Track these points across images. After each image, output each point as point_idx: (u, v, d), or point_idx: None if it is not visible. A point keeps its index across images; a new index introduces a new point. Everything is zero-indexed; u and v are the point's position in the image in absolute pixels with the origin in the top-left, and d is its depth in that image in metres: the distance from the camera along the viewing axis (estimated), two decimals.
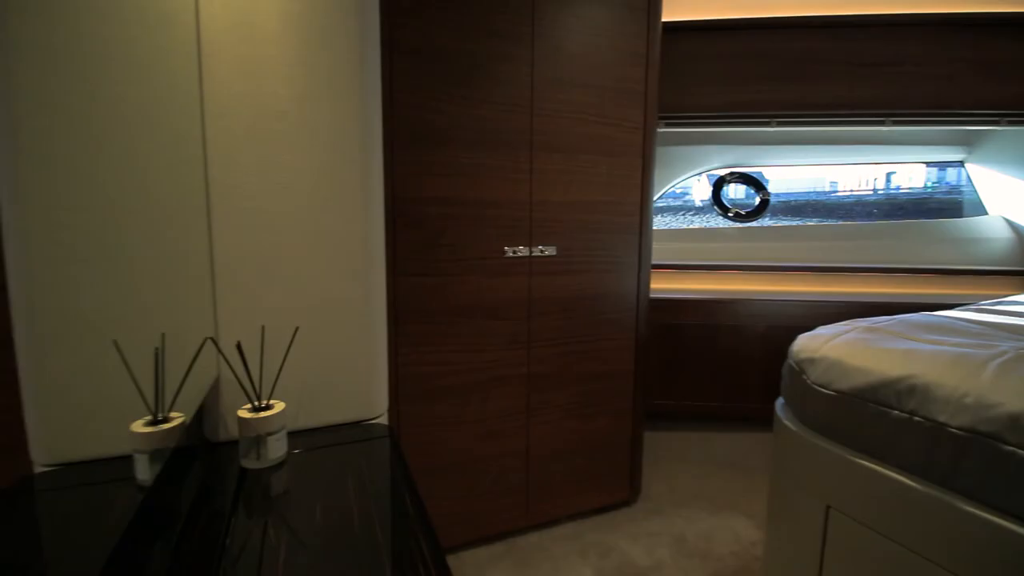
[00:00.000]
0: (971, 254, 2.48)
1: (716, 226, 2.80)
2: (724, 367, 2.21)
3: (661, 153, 2.67)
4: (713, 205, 2.75)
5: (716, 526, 1.61)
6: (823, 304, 2.16)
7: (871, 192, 3.37)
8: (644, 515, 1.68)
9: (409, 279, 1.37)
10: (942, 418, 0.89)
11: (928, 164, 2.96)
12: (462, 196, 1.40)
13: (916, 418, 0.93)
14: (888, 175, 3.35)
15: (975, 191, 2.74)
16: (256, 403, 0.81)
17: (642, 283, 1.68)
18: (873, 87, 2.29)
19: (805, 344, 1.18)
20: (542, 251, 1.51)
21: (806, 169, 3.08)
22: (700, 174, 2.86)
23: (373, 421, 1.02)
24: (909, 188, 3.23)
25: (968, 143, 2.70)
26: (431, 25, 1.32)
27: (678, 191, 3.23)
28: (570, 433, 1.62)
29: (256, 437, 0.78)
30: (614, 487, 1.72)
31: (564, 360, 1.58)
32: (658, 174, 2.69)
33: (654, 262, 2.43)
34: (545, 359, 1.55)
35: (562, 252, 1.54)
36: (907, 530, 0.92)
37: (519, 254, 1.47)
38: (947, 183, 3.00)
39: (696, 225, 2.90)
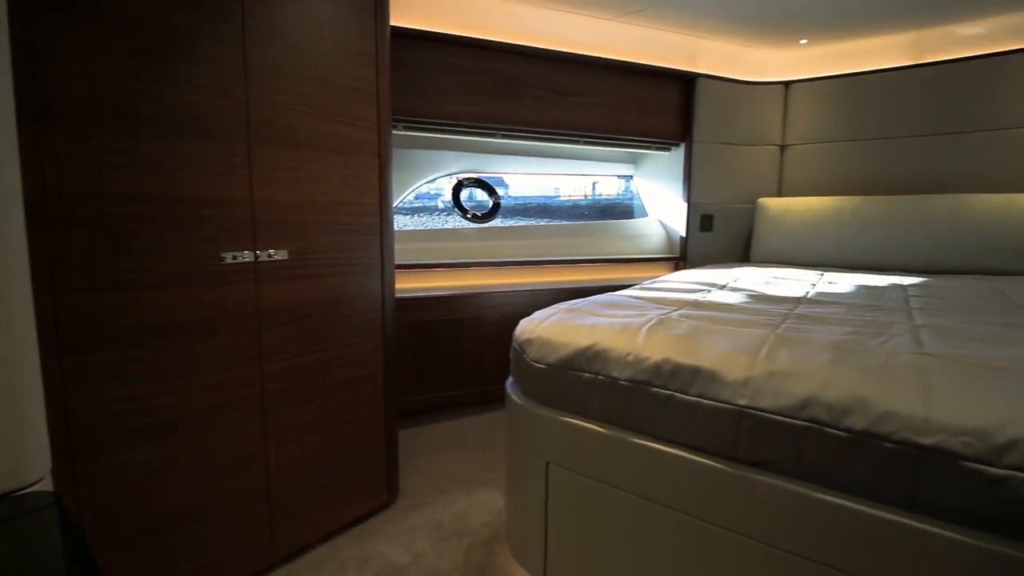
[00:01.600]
0: (639, 246, 3.27)
1: (460, 226, 3.01)
2: (469, 356, 2.40)
3: (403, 155, 2.74)
4: (454, 207, 2.95)
5: (471, 504, 1.74)
6: (545, 291, 2.54)
7: (583, 197, 4.11)
8: (403, 513, 1.70)
9: (83, 296, 1.07)
10: (615, 374, 1.14)
11: (619, 176, 3.75)
12: (159, 193, 1.17)
13: (599, 377, 1.16)
14: (594, 184, 4.11)
15: (640, 199, 3.60)
16: None
17: (387, 284, 1.68)
18: (570, 111, 2.78)
19: (524, 327, 1.36)
20: (271, 255, 1.37)
21: (538, 176, 3.57)
22: (443, 177, 3.02)
23: (27, 490, 0.77)
24: (608, 195, 4.03)
25: (634, 162, 3.54)
26: None
27: (432, 192, 3.36)
28: (319, 449, 1.53)
29: None
30: (371, 493, 1.69)
31: (306, 372, 1.48)
32: (401, 175, 2.75)
33: (404, 262, 2.48)
34: (283, 374, 1.42)
35: (296, 255, 1.43)
36: (602, 468, 1.15)
37: (241, 259, 1.31)
38: (631, 192, 3.85)
39: (451, 225, 3.06)
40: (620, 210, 3.83)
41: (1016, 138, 2.58)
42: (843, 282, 2.12)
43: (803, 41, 3.01)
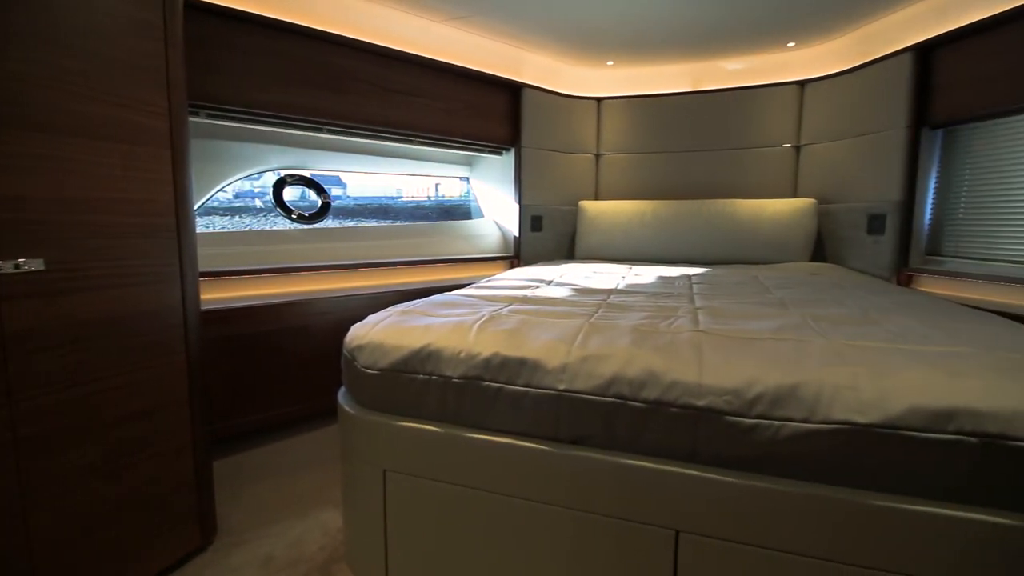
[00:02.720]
0: (477, 246, 3.37)
1: (289, 227, 2.76)
2: (298, 369, 2.22)
3: (212, 147, 2.42)
4: (276, 207, 2.69)
5: (306, 528, 1.61)
6: (384, 294, 2.47)
7: (427, 199, 4.07)
8: (224, 553, 1.50)
9: None
10: (448, 373, 1.16)
11: (460, 178, 3.79)
12: None
13: (433, 377, 1.17)
14: (436, 185, 4.10)
15: (477, 201, 3.71)
16: None
17: (189, 295, 1.46)
18: (403, 111, 2.74)
19: (355, 333, 1.31)
20: (19, 266, 1.09)
21: (379, 176, 3.44)
22: (265, 173, 2.75)
23: None
24: (451, 197, 4.06)
25: (469, 164, 3.63)
26: None
27: (257, 189, 3.02)
28: (104, 497, 1.27)
29: None
30: (181, 537, 1.46)
31: (82, 406, 1.21)
32: (210, 170, 2.43)
33: (218, 269, 2.20)
34: (48, 412, 1.15)
35: (57, 265, 1.16)
36: (439, 467, 1.16)
37: None
38: (472, 194, 3.93)
39: (280, 227, 2.78)
40: (461, 211, 3.90)
41: (765, 155, 3.27)
42: (646, 274, 2.46)
43: (609, 63, 3.40)
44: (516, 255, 3.31)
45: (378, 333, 1.27)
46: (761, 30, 2.83)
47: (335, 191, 3.60)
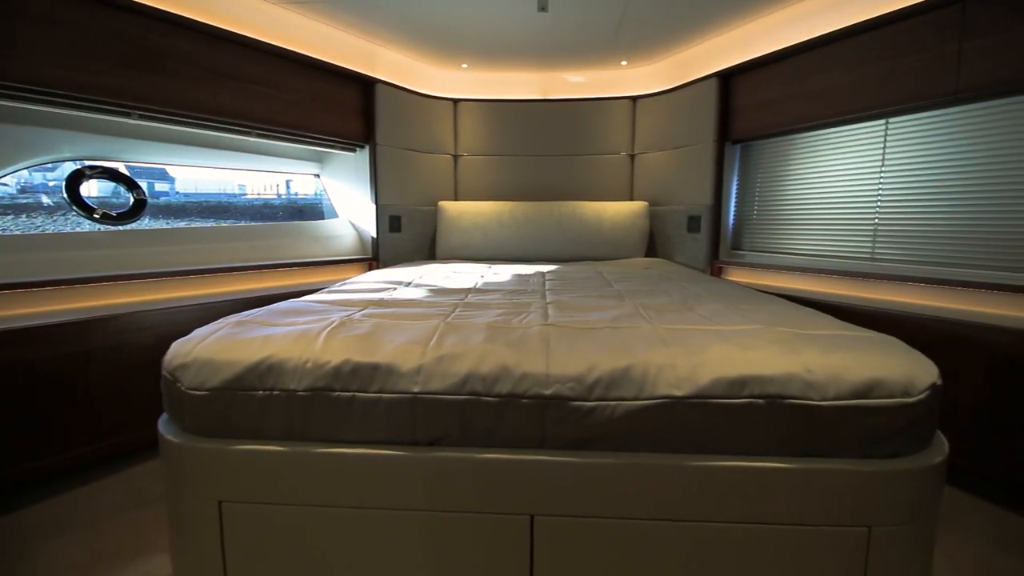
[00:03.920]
0: (331, 248, 3.18)
1: (94, 229, 2.31)
2: (106, 398, 1.86)
3: None
4: (71, 205, 2.25)
5: None
6: (217, 305, 2.19)
7: (277, 196, 3.71)
8: None
9: None
10: (292, 386, 1.07)
11: (316, 175, 3.52)
12: None
13: (275, 392, 1.07)
14: (288, 183, 3.75)
15: (330, 199, 3.50)
16: None
17: None
18: (236, 99, 2.47)
19: (177, 351, 1.14)
20: None
21: (217, 170, 3.03)
22: (56, 164, 2.27)
23: None
24: (306, 194, 3.75)
25: (320, 160, 3.40)
26: None
27: (51, 183, 2.48)
28: None
29: None
30: None
31: None
32: None
33: None
34: None
35: None
36: (286, 490, 1.06)
37: None
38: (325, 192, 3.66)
39: (87, 228, 2.30)
40: (316, 211, 3.64)
41: (605, 162, 3.59)
42: (504, 272, 2.54)
43: (464, 65, 3.44)
44: (375, 257, 3.20)
45: (206, 348, 1.13)
46: (597, 48, 3.10)
47: (159, 186, 3.12)
